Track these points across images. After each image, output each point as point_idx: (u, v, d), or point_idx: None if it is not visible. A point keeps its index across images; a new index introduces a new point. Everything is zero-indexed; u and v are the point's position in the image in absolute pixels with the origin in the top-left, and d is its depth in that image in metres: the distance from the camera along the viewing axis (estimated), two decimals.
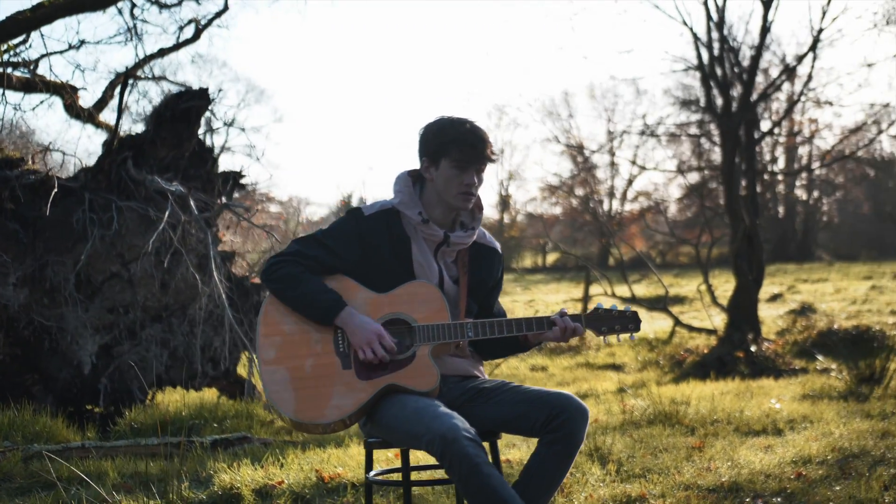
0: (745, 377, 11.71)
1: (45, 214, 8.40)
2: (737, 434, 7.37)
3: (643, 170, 44.08)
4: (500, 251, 4.13)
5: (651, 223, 33.08)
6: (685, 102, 19.04)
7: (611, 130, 30.97)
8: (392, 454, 6.55)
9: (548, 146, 57.95)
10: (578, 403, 3.66)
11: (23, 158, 8.97)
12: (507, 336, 3.85)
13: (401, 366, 3.72)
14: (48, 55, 12.61)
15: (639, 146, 42.49)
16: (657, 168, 26.96)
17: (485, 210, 4.05)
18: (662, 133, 20.52)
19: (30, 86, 11.75)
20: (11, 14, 10.26)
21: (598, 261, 36.84)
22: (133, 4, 12.27)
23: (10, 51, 12.42)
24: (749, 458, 6.22)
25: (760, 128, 16.40)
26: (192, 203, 8.96)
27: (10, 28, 10.55)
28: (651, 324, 19.03)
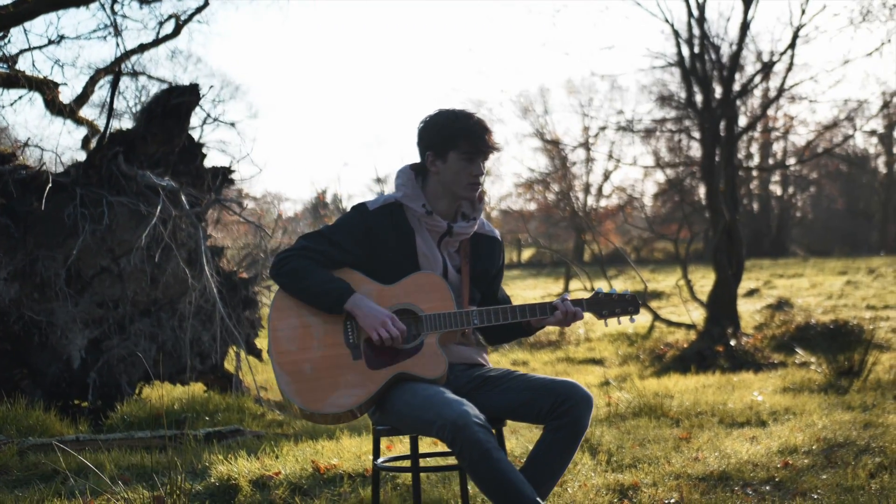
0: (726, 371, 11.83)
1: (36, 209, 8.43)
2: (721, 426, 7.50)
3: (619, 164, 44.20)
4: (501, 239, 4.24)
5: (628, 219, 33.27)
6: (663, 98, 19.14)
7: (587, 126, 31.15)
8: (383, 446, 6.64)
9: (525, 142, 58.06)
10: (583, 391, 3.77)
11: (14, 154, 8.99)
12: (512, 322, 3.96)
13: (409, 354, 3.82)
14: (29, 50, 12.61)
15: (614, 142, 42.68)
16: (635, 164, 27.08)
17: None
18: (640, 129, 20.66)
19: (10, 81, 11.73)
20: None
21: (575, 256, 37.04)
22: (114, 0, 12.27)
23: None
24: (736, 449, 6.35)
25: (739, 123, 16.54)
26: (184, 198, 9.01)
27: None
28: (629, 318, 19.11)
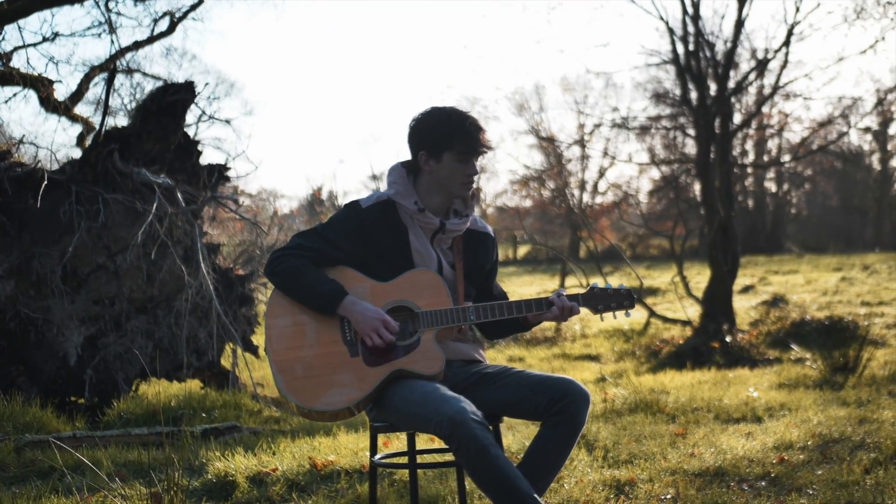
0: (721, 367, 11.86)
1: (32, 207, 8.43)
2: (717, 422, 7.52)
3: (614, 161, 44.22)
4: (493, 235, 4.25)
5: (623, 216, 33.26)
6: (658, 96, 19.16)
7: (582, 123, 31.07)
8: (380, 443, 6.65)
9: (520, 139, 57.98)
10: (580, 388, 3.78)
11: (10, 151, 8.99)
12: (508, 317, 3.98)
13: (407, 351, 3.83)
14: (23, 47, 12.60)
15: (610, 139, 42.65)
16: (629, 160, 27.13)
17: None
18: (636, 126, 20.68)
19: (5, 78, 11.72)
20: None
21: (570, 253, 37.05)
22: None
23: None
24: (732, 444, 6.36)
25: (735, 121, 16.57)
26: (179, 195, 9.01)
27: None
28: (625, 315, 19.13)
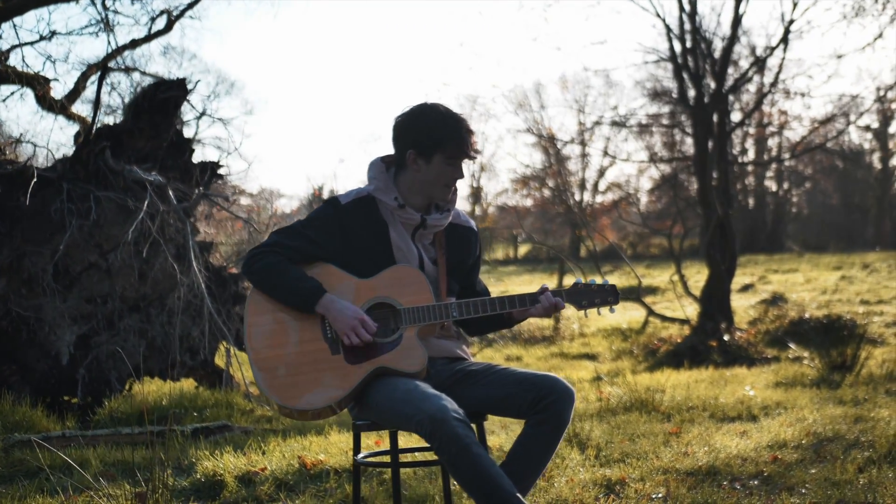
0: (719, 366, 11.82)
1: (23, 205, 8.38)
2: (712, 420, 7.46)
3: (614, 160, 44.18)
4: (476, 229, 4.19)
5: (623, 214, 33.19)
6: (656, 94, 19.11)
7: (581, 122, 31.05)
8: (371, 442, 6.61)
9: (520, 137, 57.93)
10: (565, 385, 3.73)
11: (1, 149, 8.94)
12: (492, 314, 3.92)
13: (389, 348, 3.77)
14: (20, 46, 12.56)
15: (610, 138, 42.51)
16: (628, 159, 27.19)
17: (457, 203, 4.10)
18: (634, 124, 20.64)
19: (1, 77, 11.69)
20: None
21: (570, 252, 36.97)
22: None
23: None
24: (725, 443, 6.31)
25: (732, 118, 16.52)
26: (171, 193, 8.96)
27: None
28: (624, 314, 19.13)
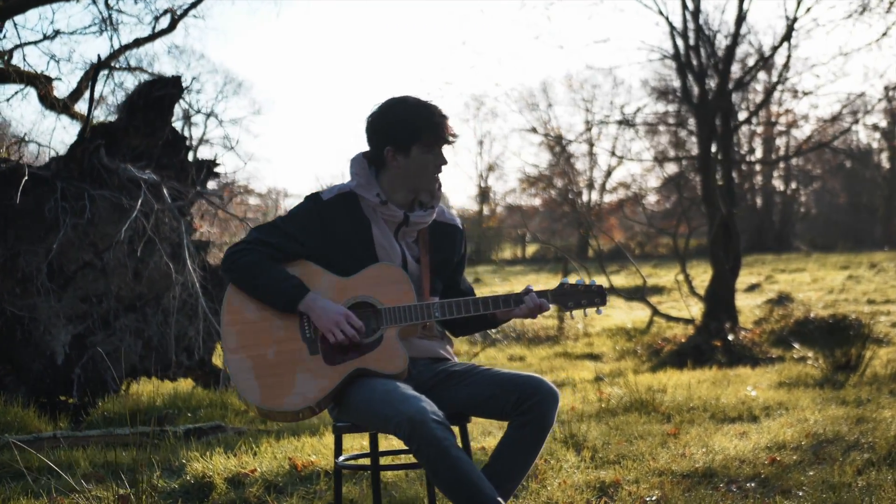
0: (723, 366, 11.72)
1: (16, 203, 8.31)
2: (713, 421, 7.37)
3: (622, 160, 44.12)
4: (462, 227, 4.09)
5: (630, 214, 33.09)
6: (662, 92, 19.02)
7: (589, 121, 30.91)
8: (366, 442, 6.52)
9: (527, 137, 57.84)
10: (549, 386, 3.63)
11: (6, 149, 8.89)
12: (476, 314, 3.83)
13: (368, 349, 3.68)
14: (22, 45, 12.52)
15: (617, 137, 42.43)
16: (634, 158, 27.04)
17: (465, 202, 4.01)
18: (640, 123, 20.54)
19: (3, 76, 11.65)
20: None
21: (578, 252, 36.86)
22: None
23: None
24: (724, 445, 6.22)
25: (737, 117, 16.41)
26: (166, 191, 8.88)
27: None
28: (629, 314, 19.04)
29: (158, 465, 5.95)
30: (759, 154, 44.35)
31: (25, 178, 8.24)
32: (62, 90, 13.60)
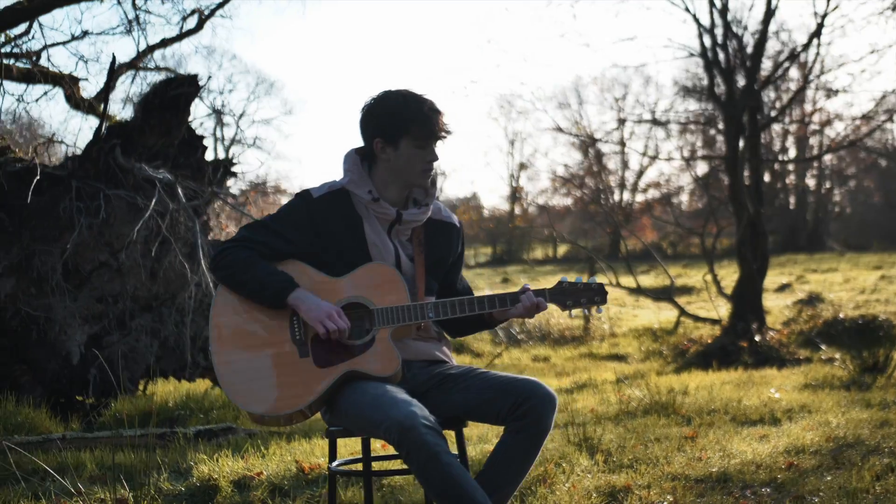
0: (749, 367, 11.57)
1: (32, 203, 8.28)
2: (733, 424, 7.23)
3: (654, 160, 43.85)
4: (459, 225, 3.98)
5: (661, 214, 32.87)
6: (689, 90, 18.82)
7: (622, 119, 30.62)
8: (378, 444, 6.42)
9: (558, 136, 57.59)
10: (546, 390, 3.51)
11: (9, 147, 8.85)
12: (471, 314, 3.72)
13: (360, 351, 3.57)
14: (50, 46, 12.54)
15: (649, 137, 42.24)
16: (660, 157, 26.86)
17: (496, 201, 3.89)
18: (670, 122, 20.38)
19: (30, 77, 11.67)
20: (9, 4, 10.16)
21: (609, 252, 36.66)
22: None
23: (11, 42, 12.36)
24: (742, 449, 6.08)
25: (765, 115, 16.22)
26: (180, 191, 8.83)
27: (8, 17, 10.46)
28: (657, 314, 18.90)
29: (166, 468, 5.89)
30: (793, 153, 43.93)
31: (37, 178, 8.19)
32: (90, 90, 13.58)
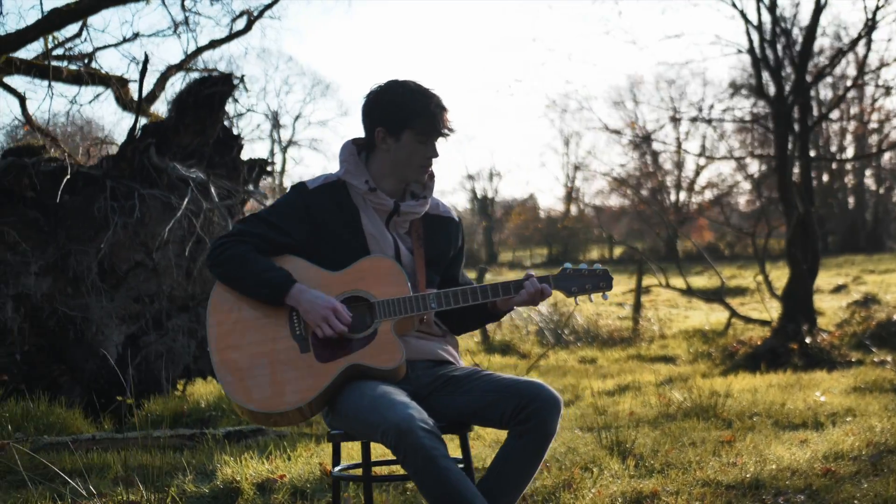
0: (798, 369, 11.32)
1: (67, 202, 8.29)
2: (774, 428, 7.04)
3: (711, 160, 43.36)
4: (459, 220, 3.87)
5: (716, 214, 32.51)
6: (736, 87, 18.55)
7: (673, 117, 30.29)
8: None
9: (613, 137, 57.24)
10: (550, 393, 3.38)
11: (44, 146, 8.87)
12: (475, 305, 3.61)
13: (362, 344, 3.47)
14: (101, 49, 12.63)
15: (705, 136, 41.78)
16: (709, 156, 26.50)
17: (552, 202, 3.78)
18: (720, 119, 20.12)
19: (79, 78, 11.76)
20: (57, 7, 10.22)
21: (666, 253, 36.30)
22: None
23: (62, 45, 12.47)
24: (779, 454, 5.90)
25: (815, 113, 15.92)
26: (213, 190, 8.79)
27: (55, 19, 10.51)
28: (709, 315, 18.64)
29: (193, 469, 5.84)
30: (851, 152, 43.25)
31: (67, 178, 8.19)
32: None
